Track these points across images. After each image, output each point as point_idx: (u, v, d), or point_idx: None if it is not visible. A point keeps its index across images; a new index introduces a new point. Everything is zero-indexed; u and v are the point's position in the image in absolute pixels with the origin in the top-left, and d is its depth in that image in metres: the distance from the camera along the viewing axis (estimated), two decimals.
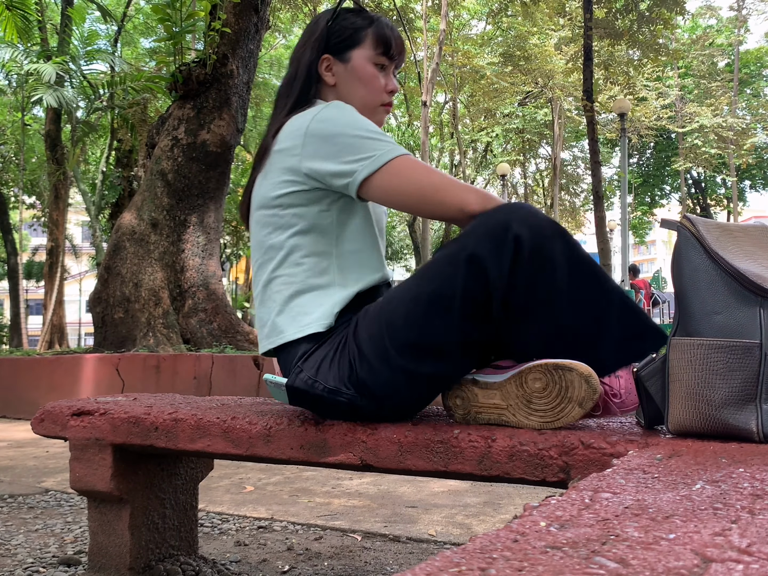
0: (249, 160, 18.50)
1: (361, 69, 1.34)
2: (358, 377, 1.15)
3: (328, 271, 1.25)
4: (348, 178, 1.19)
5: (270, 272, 1.27)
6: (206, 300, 6.11)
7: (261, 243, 1.30)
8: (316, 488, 2.64)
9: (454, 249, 1.11)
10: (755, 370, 0.89)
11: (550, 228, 1.08)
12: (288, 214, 1.25)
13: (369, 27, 1.35)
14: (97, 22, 16.69)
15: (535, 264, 1.06)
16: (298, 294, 1.24)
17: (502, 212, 1.10)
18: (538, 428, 1.07)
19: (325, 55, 1.35)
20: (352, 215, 1.27)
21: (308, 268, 1.24)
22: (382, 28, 1.35)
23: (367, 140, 1.19)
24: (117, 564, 1.46)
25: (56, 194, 11.18)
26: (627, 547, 0.44)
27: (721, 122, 19.74)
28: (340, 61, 1.35)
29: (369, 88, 1.35)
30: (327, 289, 1.24)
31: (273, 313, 1.26)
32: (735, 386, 0.89)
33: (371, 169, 1.17)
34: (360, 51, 1.34)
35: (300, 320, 1.23)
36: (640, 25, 10.63)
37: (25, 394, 5.24)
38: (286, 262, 1.26)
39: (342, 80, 1.35)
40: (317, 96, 1.36)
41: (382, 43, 1.35)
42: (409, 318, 1.12)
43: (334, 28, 1.35)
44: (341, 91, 1.36)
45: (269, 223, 1.28)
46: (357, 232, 1.27)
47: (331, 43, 1.35)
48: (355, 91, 1.35)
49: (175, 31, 6.14)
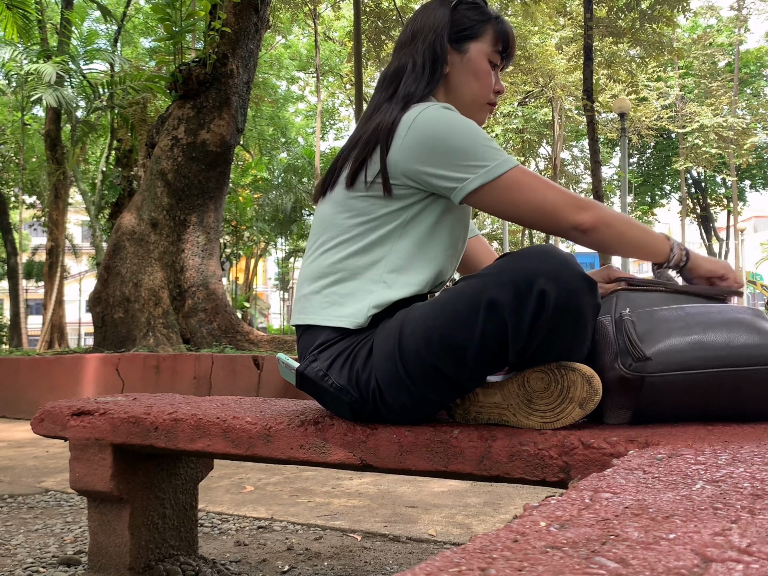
0: (249, 160, 18.50)
1: (477, 63, 1.30)
2: (366, 384, 1.14)
3: (378, 267, 1.21)
4: (456, 184, 1.15)
5: (325, 249, 1.24)
6: (206, 300, 6.11)
7: (328, 218, 1.26)
8: (316, 488, 2.64)
9: (475, 289, 1.07)
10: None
11: (579, 282, 1.04)
12: (368, 201, 1.21)
13: (490, 22, 1.31)
14: (97, 21, 16.69)
15: (559, 318, 1.03)
16: (342, 281, 1.22)
17: (531, 260, 1.05)
18: (538, 428, 1.07)
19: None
20: (428, 218, 1.22)
21: (363, 260, 1.21)
22: (503, 26, 1.32)
23: (480, 147, 1.15)
24: (117, 564, 1.46)
25: (56, 194, 11.18)
26: (627, 547, 0.44)
27: (721, 122, 19.74)
28: (457, 51, 1.30)
29: (481, 83, 1.31)
30: (370, 285, 1.20)
31: (312, 288, 1.24)
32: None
33: (485, 179, 1.14)
34: (478, 44, 1.30)
35: (332, 310, 1.21)
36: (642, 23, 10.63)
37: (25, 394, 5.23)
38: (344, 246, 1.22)
39: (456, 71, 1.31)
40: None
41: (502, 40, 1.32)
42: (421, 352, 1.09)
43: (455, 16, 1.30)
44: (453, 81, 1.31)
45: (345, 204, 1.24)
46: (425, 237, 1.22)
47: (450, 31, 1.30)
48: (468, 84, 1.31)
49: (175, 30, 6.14)
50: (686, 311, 1.09)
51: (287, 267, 24.81)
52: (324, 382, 1.18)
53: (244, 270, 21.69)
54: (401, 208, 1.21)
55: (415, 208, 1.21)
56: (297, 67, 21.65)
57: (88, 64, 10.22)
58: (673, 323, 1.07)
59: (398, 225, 1.21)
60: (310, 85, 22.97)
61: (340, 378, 1.17)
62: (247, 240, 17.77)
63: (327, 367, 1.18)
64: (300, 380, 1.23)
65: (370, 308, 1.18)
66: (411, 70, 1.28)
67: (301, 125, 24.77)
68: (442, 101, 1.30)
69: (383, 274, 1.20)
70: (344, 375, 1.17)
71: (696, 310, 1.10)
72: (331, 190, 1.27)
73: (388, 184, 1.19)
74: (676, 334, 1.05)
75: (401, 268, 1.21)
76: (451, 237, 1.26)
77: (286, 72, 21.31)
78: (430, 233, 1.23)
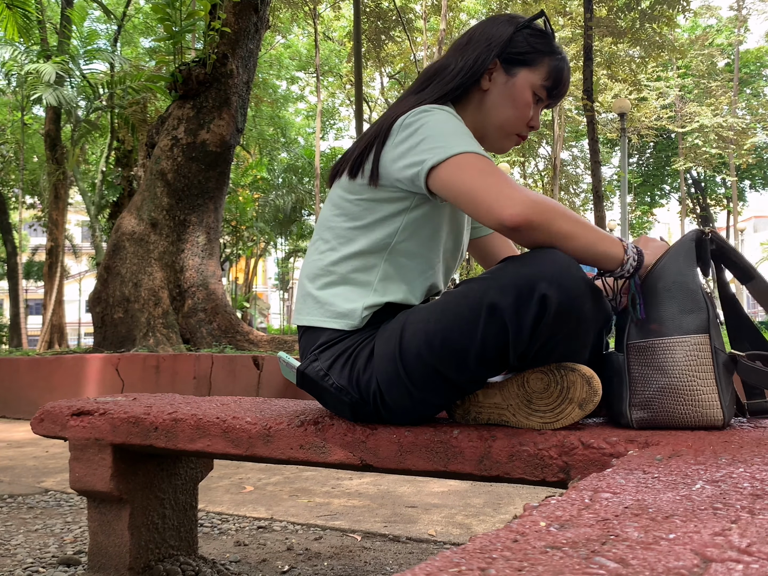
0: (249, 160, 18.50)
1: (521, 91, 1.26)
2: (366, 384, 1.15)
3: (372, 274, 1.20)
4: (418, 168, 1.12)
5: (320, 251, 1.25)
6: (206, 300, 6.11)
7: (326, 219, 1.27)
8: (316, 488, 2.64)
9: (477, 293, 1.06)
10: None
11: (581, 287, 1.03)
12: (361, 206, 1.21)
13: (549, 55, 1.26)
14: (97, 21, 16.69)
15: (560, 323, 1.02)
16: (335, 283, 1.22)
17: (534, 264, 1.03)
18: (538, 428, 1.07)
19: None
20: (420, 230, 1.21)
21: (354, 264, 1.21)
22: (561, 63, 1.27)
23: (446, 134, 1.12)
24: (117, 564, 1.46)
25: (56, 194, 11.18)
26: (627, 547, 0.44)
27: (721, 122, 19.75)
28: (505, 71, 1.26)
29: (517, 112, 1.27)
30: (362, 290, 1.20)
31: (309, 288, 1.25)
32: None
33: (439, 157, 1.09)
34: (529, 73, 1.26)
35: (327, 312, 1.21)
36: (642, 23, 10.64)
37: (24, 394, 5.23)
38: (337, 250, 1.22)
39: (496, 91, 1.27)
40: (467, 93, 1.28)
41: (554, 78, 1.27)
42: (422, 355, 1.09)
43: (517, 37, 1.26)
44: (489, 100, 1.27)
45: (340, 206, 1.24)
46: (418, 246, 1.21)
47: (506, 49, 1.26)
48: (503, 108, 1.27)
49: (174, 30, 6.14)
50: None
51: (287, 267, 24.82)
52: (324, 382, 1.19)
53: (244, 270, 21.68)
54: (393, 214, 1.20)
55: (408, 215, 1.20)
56: (297, 67, 21.66)
57: (88, 64, 10.22)
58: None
59: (390, 233, 1.20)
60: (310, 85, 22.99)
61: (340, 378, 1.17)
62: (247, 240, 17.76)
63: (328, 367, 1.19)
64: (300, 379, 1.24)
65: (363, 310, 1.19)
66: (449, 73, 1.26)
67: (301, 125, 24.78)
68: (471, 116, 1.28)
69: (375, 282, 1.21)
70: (345, 375, 1.17)
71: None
72: (339, 178, 1.27)
73: (376, 176, 1.18)
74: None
75: (394, 277, 1.21)
76: (444, 244, 1.26)
77: (286, 72, 21.32)
78: (423, 242, 1.22)
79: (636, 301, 1.08)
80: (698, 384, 1.01)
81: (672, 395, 1.02)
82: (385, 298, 1.20)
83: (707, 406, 1.01)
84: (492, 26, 1.28)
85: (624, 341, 1.08)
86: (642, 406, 1.04)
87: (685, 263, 1.07)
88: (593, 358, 1.13)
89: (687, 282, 1.05)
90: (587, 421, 1.15)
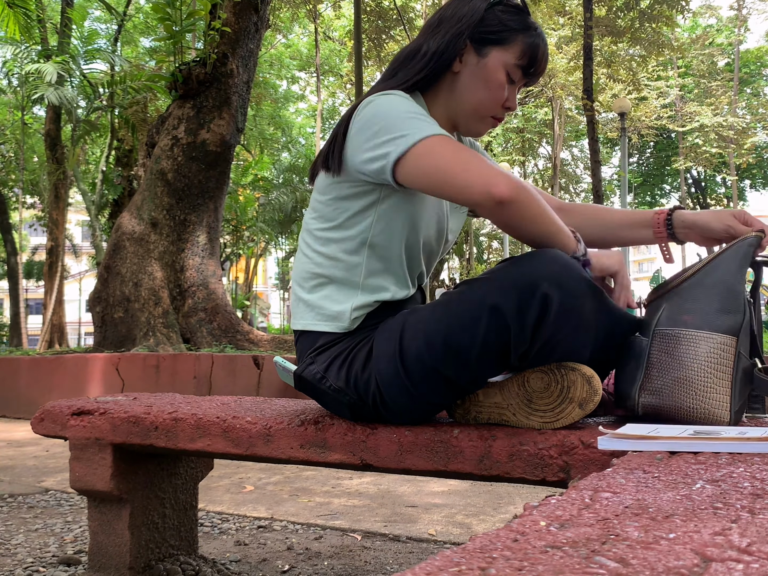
0: (249, 160, 18.49)
1: (493, 72, 1.20)
2: (365, 385, 1.14)
3: (356, 273, 1.20)
4: (383, 161, 1.10)
5: (305, 255, 1.25)
6: (206, 299, 6.11)
7: (306, 223, 1.27)
8: (316, 488, 2.64)
9: (478, 293, 1.06)
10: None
11: (583, 287, 1.02)
12: (332, 206, 1.21)
13: (522, 32, 1.20)
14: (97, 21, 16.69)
15: (561, 322, 1.02)
16: (321, 286, 1.22)
17: (535, 264, 1.03)
18: (538, 428, 1.07)
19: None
20: (393, 221, 1.19)
21: (337, 265, 1.21)
22: (536, 40, 1.21)
23: (401, 120, 1.10)
24: (117, 563, 1.46)
25: (56, 194, 11.18)
26: (627, 546, 0.44)
27: (721, 121, 19.74)
28: (476, 52, 1.21)
29: (490, 94, 1.22)
30: (349, 290, 1.20)
31: (299, 292, 1.25)
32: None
33: (403, 148, 1.08)
34: (501, 52, 1.20)
35: (317, 315, 1.21)
36: (642, 23, 10.64)
37: (25, 394, 5.23)
38: (319, 252, 1.22)
39: (467, 73, 1.22)
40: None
41: (529, 56, 1.21)
42: (422, 355, 1.09)
43: (488, 15, 1.20)
44: (461, 83, 1.23)
45: (315, 209, 1.24)
46: (393, 241, 1.20)
47: (477, 29, 1.20)
48: (474, 90, 1.22)
49: (175, 30, 6.14)
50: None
51: (287, 266, 24.80)
52: (322, 385, 1.18)
53: (244, 270, 21.67)
54: (363, 209, 1.19)
55: (378, 207, 1.19)
56: (297, 66, 21.65)
57: (88, 64, 10.21)
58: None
59: (364, 228, 1.19)
60: (310, 85, 22.98)
61: (338, 380, 1.17)
62: (248, 240, 17.76)
63: (324, 369, 1.18)
64: (298, 382, 1.24)
65: (353, 311, 1.19)
66: (420, 57, 1.22)
67: (301, 125, 24.77)
68: (443, 100, 1.26)
69: (361, 280, 1.20)
70: (342, 377, 1.17)
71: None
72: (317, 175, 1.26)
73: (339, 166, 1.17)
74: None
75: (379, 272, 1.20)
76: (425, 230, 1.24)
77: (287, 71, 21.31)
78: (400, 232, 1.20)
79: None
80: (713, 382, 1.02)
81: (685, 387, 1.03)
82: (374, 297, 1.19)
83: (716, 405, 1.01)
84: (463, 5, 1.23)
85: (651, 327, 1.08)
86: (652, 391, 1.05)
87: (739, 265, 1.08)
88: (602, 356, 1.11)
89: (734, 284, 1.06)
90: (587, 420, 1.15)
